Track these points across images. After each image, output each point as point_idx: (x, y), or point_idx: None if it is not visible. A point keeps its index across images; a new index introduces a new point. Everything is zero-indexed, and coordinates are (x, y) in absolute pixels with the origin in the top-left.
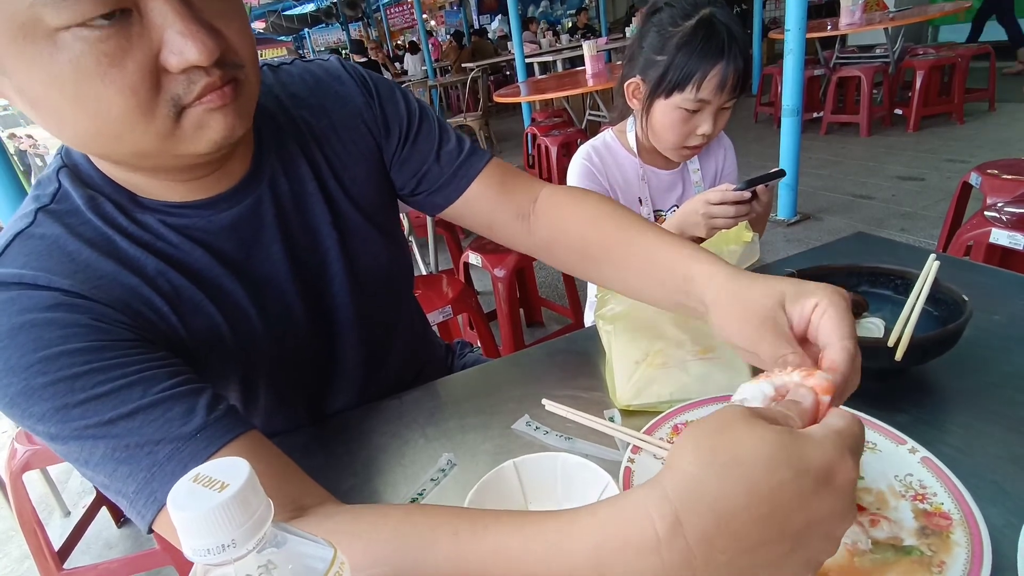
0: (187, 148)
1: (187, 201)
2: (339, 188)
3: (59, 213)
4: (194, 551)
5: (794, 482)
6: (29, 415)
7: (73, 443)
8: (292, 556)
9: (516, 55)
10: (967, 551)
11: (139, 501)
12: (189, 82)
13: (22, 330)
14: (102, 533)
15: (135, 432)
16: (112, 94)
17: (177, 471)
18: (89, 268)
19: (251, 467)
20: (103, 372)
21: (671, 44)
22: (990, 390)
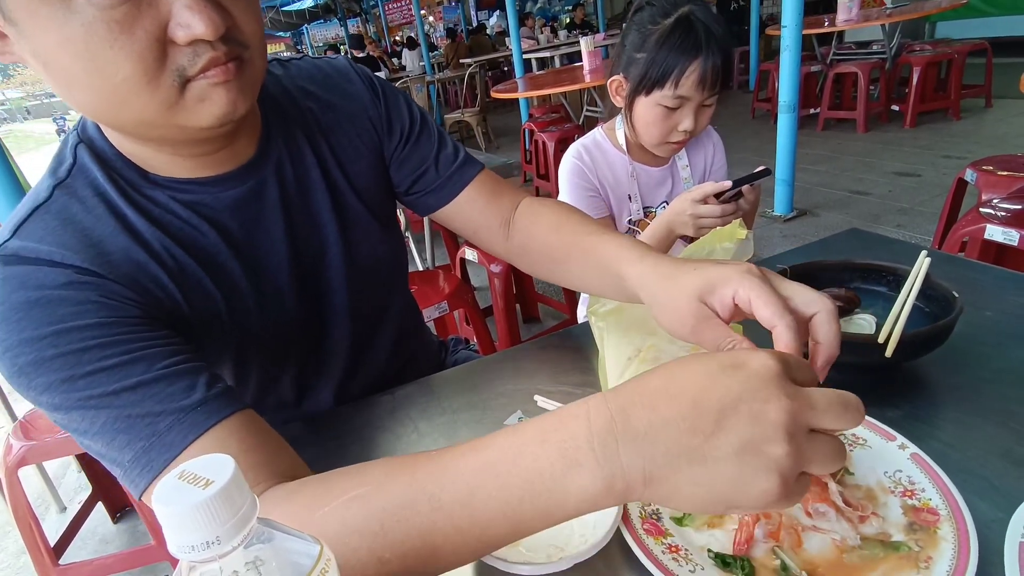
0: (189, 120)
1: (195, 177)
2: (343, 178)
3: (74, 188)
4: (179, 548)
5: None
6: (35, 385)
7: (75, 412)
8: (279, 552)
9: (514, 51)
10: (954, 546)
11: (134, 470)
12: (194, 55)
13: (37, 305)
14: (98, 529)
15: (136, 404)
16: (120, 59)
17: (176, 442)
18: (101, 244)
19: (236, 464)
20: (110, 347)
21: (650, 41)
22: (981, 386)
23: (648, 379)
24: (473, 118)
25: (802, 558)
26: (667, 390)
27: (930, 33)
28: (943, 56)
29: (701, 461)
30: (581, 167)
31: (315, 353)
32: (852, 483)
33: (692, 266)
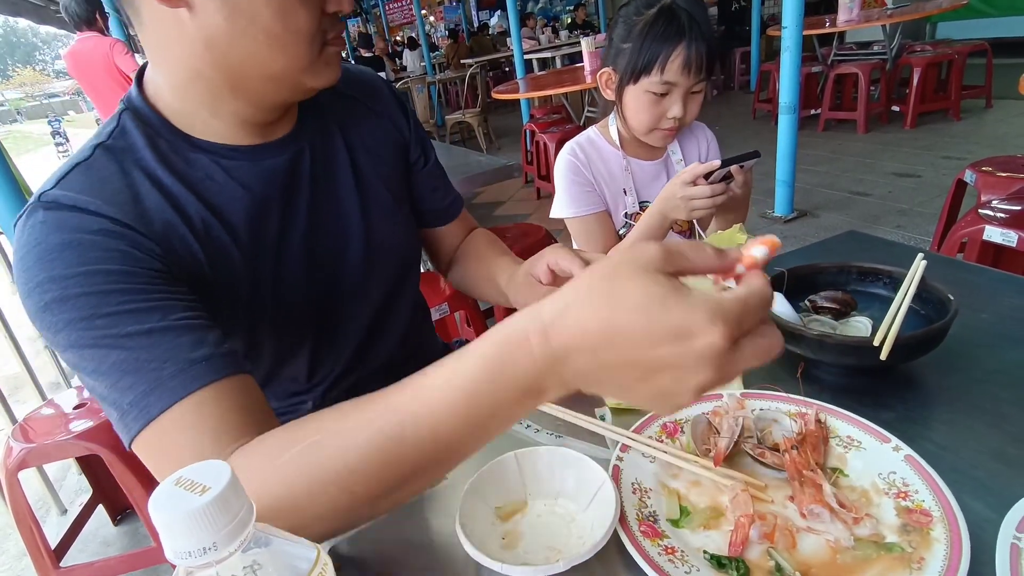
0: (312, 80)
1: (238, 144)
2: (369, 164)
3: (115, 150)
4: (175, 554)
5: (649, 326)
6: (56, 322)
7: (89, 351)
8: (277, 556)
9: (515, 51)
10: (946, 547)
11: (131, 413)
12: (332, 23)
13: (69, 247)
14: (99, 531)
15: (147, 349)
16: (304, 16)
17: (177, 390)
18: (136, 201)
19: (232, 470)
20: (131, 293)
21: (635, 31)
22: (976, 387)
23: (590, 316)
24: (474, 119)
25: (796, 559)
26: (610, 341)
27: (931, 34)
28: (943, 57)
29: (627, 393)
30: (576, 163)
31: (328, 331)
32: (847, 484)
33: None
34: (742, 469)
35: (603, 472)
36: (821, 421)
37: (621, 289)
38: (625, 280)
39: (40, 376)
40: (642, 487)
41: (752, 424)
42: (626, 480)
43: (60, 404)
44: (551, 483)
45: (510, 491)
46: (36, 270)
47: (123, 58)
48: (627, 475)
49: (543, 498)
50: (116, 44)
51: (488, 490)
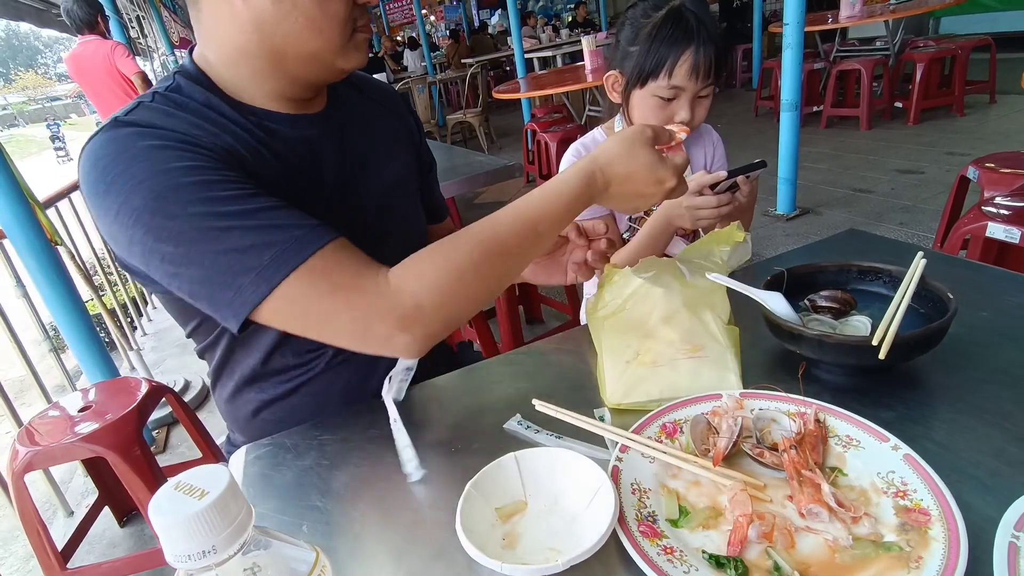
0: (343, 62)
1: (279, 111)
2: (388, 148)
3: (173, 98)
4: (175, 558)
5: (647, 175)
6: (175, 210)
7: (214, 232)
8: (277, 558)
9: (515, 51)
10: (944, 547)
11: (272, 267)
12: (362, 13)
13: (162, 148)
14: (105, 533)
15: (272, 217)
16: (339, 5)
17: (315, 240)
18: (200, 127)
19: (231, 474)
20: (234, 182)
21: (643, 34)
22: (976, 385)
23: (619, 152)
24: (475, 118)
25: (795, 558)
26: (630, 178)
27: (934, 29)
28: (947, 52)
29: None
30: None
31: None
32: (845, 484)
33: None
34: (741, 469)
35: (602, 473)
36: (820, 421)
37: (635, 153)
38: (638, 148)
39: (45, 379)
40: (641, 487)
41: (751, 424)
42: (625, 480)
43: (65, 407)
44: (551, 484)
45: (510, 492)
46: (136, 168)
47: (124, 60)
48: (626, 475)
49: (543, 499)
50: (117, 47)
51: (488, 491)
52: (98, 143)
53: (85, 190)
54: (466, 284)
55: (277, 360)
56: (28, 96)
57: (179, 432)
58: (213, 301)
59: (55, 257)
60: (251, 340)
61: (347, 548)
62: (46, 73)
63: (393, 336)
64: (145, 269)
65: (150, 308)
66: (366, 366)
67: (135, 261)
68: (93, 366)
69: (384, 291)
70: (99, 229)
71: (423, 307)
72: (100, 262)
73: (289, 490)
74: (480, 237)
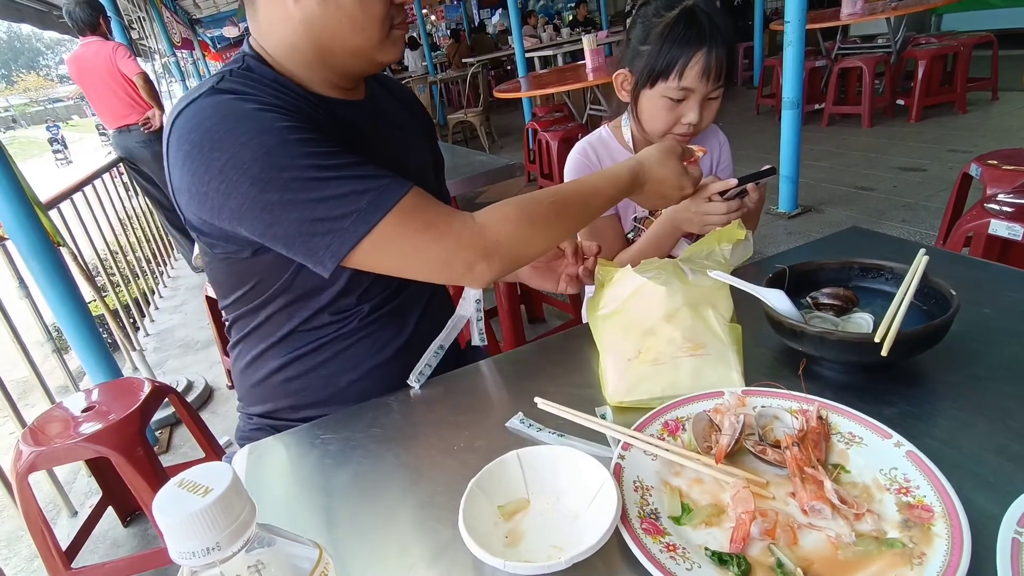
0: (381, 56)
1: (330, 96)
2: (416, 139)
3: (250, 75)
4: (179, 555)
5: (675, 181)
6: (282, 163)
7: (319, 183)
8: (280, 556)
9: (516, 50)
10: (947, 543)
11: (370, 209)
12: (399, 11)
13: (263, 111)
14: (109, 533)
15: (364, 169)
16: (379, 3)
17: (402, 185)
18: (280, 99)
19: (235, 471)
20: (326, 143)
21: (654, 34)
22: (978, 382)
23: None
24: (476, 118)
25: (798, 555)
26: (662, 182)
27: (936, 26)
28: (949, 49)
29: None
30: (586, 163)
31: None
32: (848, 481)
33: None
34: (743, 466)
35: (605, 470)
36: (822, 418)
37: (670, 164)
38: (672, 160)
39: (48, 380)
40: (644, 485)
41: (754, 421)
42: (628, 478)
43: (69, 407)
44: (553, 482)
45: (513, 490)
46: (243, 129)
47: (125, 61)
48: (629, 473)
49: (545, 496)
50: (119, 48)
51: (491, 489)
52: (199, 107)
53: (185, 149)
54: (535, 231)
55: (317, 319)
56: (30, 98)
57: (182, 432)
58: (311, 245)
59: (58, 258)
60: (303, 299)
61: (350, 546)
62: (47, 75)
63: (475, 264)
64: (235, 223)
65: (152, 308)
66: (394, 325)
67: (225, 216)
68: (96, 367)
69: (471, 227)
70: (188, 188)
71: (501, 243)
72: (102, 263)
73: (291, 489)
74: (551, 199)
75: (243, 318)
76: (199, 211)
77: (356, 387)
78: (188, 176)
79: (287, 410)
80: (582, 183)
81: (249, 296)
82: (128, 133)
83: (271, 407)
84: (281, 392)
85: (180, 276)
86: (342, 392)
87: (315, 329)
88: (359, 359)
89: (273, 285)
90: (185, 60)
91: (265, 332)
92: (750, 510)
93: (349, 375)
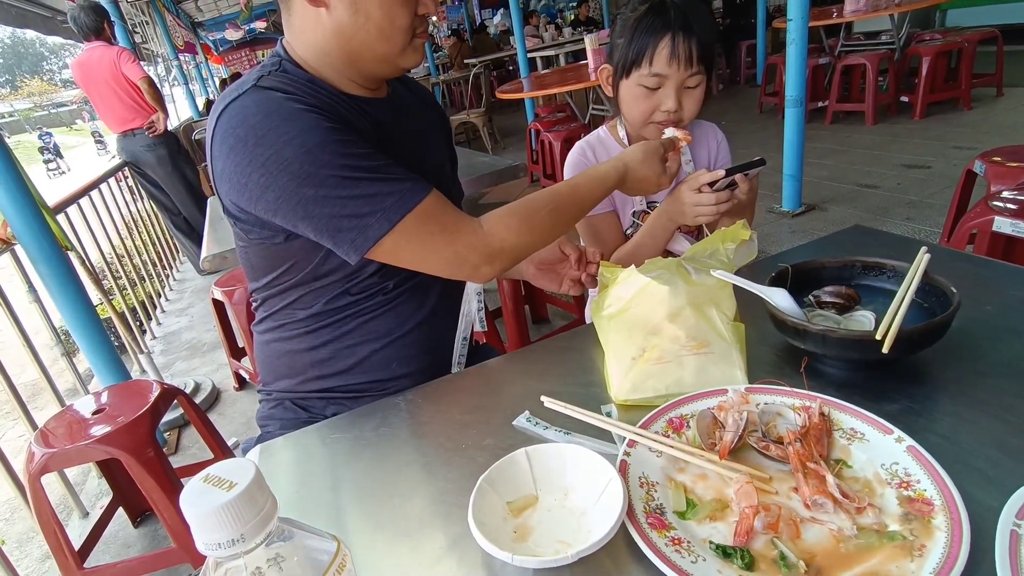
0: (403, 61)
1: (357, 95)
2: (435, 135)
3: (286, 77)
4: (206, 545)
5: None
6: (322, 159)
7: (351, 182)
8: (299, 549)
9: (518, 50)
10: (947, 535)
11: (393, 208)
12: (421, 22)
13: (306, 111)
14: (119, 533)
15: (392, 171)
16: (403, 15)
17: (420, 190)
18: (317, 98)
19: (257, 467)
20: (358, 143)
21: (628, 26)
22: (979, 379)
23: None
24: (479, 119)
25: (800, 548)
26: (645, 179)
27: (940, 21)
28: (953, 45)
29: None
30: (584, 163)
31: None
32: (850, 475)
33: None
34: (747, 462)
35: (611, 467)
36: (824, 414)
37: (651, 164)
38: (654, 161)
39: (58, 382)
40: (649, 481)
41: (757, 418)
42: (633, 474)
43: (79, 409)
44: (560, 478)
45: (521, 486)
46: (286, 127)
47: (129, 66)
48: (634, 469)
49: (553, 493)
50: (123, 52)
51: (500, 485)
52: (243, 103)
53: (230, 142)
54: (533, 235)
55: (344, 297)
56: (34, 103)
57: (190, 434)
58: (339, 237)
59: (66, 262)
60: (331, 278)
61: (362, 543)
62: (51, 79)
63: (480, 266)
64: (270, 213)
65: (159, 311)
66: (415, 299)
67: (262, 206)
68: (104, 369)
69: (480, 233)
70: (230, 177)
71: (504, 249)
72: (109, 266)
73: (303, 487)
74: (548, 207)
75: (273, 297)
76: (238, 199)
77: (378, 356)
78: (231, 167)
79: (312, 380)
80: (574, 186)
81: (281, 278)
82: (133, 137)
83: (294, 380)
84: (307, 361)
85: (186, 279)
86: (365, 361)
87: (342, 306)
88: (382, 331)
89: (305, 268)
90: (188, 63)
91: (294, 309)
92: (753, 504)
93: (372, 345)
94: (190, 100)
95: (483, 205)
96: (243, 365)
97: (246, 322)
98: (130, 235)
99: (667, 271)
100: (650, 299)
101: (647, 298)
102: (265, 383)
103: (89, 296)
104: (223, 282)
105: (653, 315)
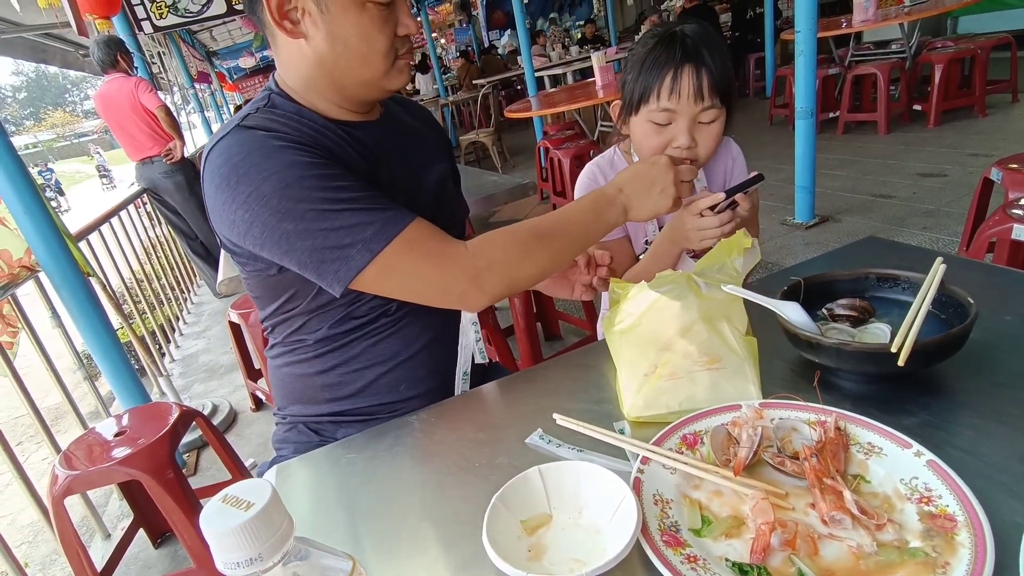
0: (388, 84)
1: (348, 120)
2: (431, 156)
3: (269, 113)
4: (225, 565)
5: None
6: (302, 195)
7: (331, 214)
8: (315, 568)
9: (526, 70)
10: (971, 552)
11: (374, 239)
12: (403, 43)
13: (285, 148)
14: (140, 554)
15: (373, 201)
16: (382, 39)
17: (400, 219)
18: (302, 132)
19: (274, 487)
20: (342, 177)
21: (637, 61)
22: (999, 390)
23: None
24: (488, 138)
25: (819, 565)
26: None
27: (952, 29)
28: (966, 52)
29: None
30: (593, 185)
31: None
32: (868, 491)
33: None
34: (762, 478)
35: (624, 485)
36: (841, 428)
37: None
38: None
39: (80, 405)
40: (663, 498)
41: (772, 433)
42: (647, 491)
43: (101, 432)
44: (574, 496)
45: (535, 505)
46: (269, 163)
47: (147, 95)
48: (648, 487)
49: (567, 511)
50: (140, 83)
51: (514, 504)
52: (227, 144)
53: (216, 181)
54: (525, 257)
55: (348, 321)
56: (57, 133)
57: (208, 455)
58: (322, 269)
59: (87, 288)
60: (334, 305)
61: (377, 563)
62: (73, 110)
63: (468, 292)
64: (258, 248)
65: (177, 335)
66: (421, 320)
67: (249, 241)
68: (125, 392)
69: (466, 256)
70: (219, 215)
71: (493, 271)
72: (129, 291)
73: (318, 507)
74: (529, 223)
75: (280, 324)
76: (229, 235)
77: (386, 378)
78: (219, 205)
79: (323, 403)
80: (561, 212)
81: (285, 306)
82: (151, 164)
83: (306, 405)
84: (317, 385)
85: (203, 302)
86: (373, 384)
87: (348, 330)
88: (389, 353)
89: (306, 296)
90: (203, 91)
91: (302, 334)
92: (770, 521)
93: (380, 368)
94: (206, 127)
95: (493, 223)
96: (259, 386)
97: (261, 344)
98: (149, 260)
99: (678, 285)
100: (661, 314)
101: (658, 313)
102: (280, 407)
103: (110, 320)
104: (239, 304)
105: (665, 330)
